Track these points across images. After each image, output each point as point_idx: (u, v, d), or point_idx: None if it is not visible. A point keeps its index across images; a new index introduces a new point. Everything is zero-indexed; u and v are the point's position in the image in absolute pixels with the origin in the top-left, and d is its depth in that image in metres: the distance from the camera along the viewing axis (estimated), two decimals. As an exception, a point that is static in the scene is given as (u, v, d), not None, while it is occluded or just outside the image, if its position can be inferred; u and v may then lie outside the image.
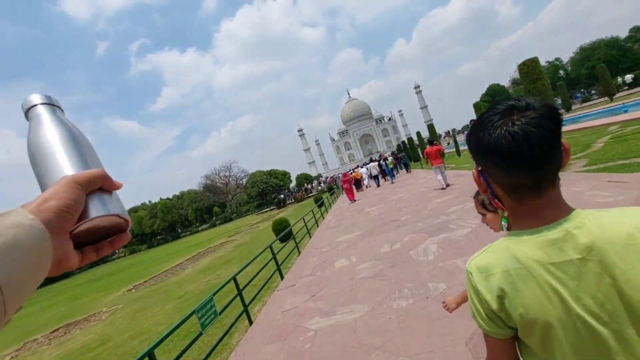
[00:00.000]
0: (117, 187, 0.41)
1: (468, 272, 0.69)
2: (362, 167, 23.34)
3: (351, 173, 19.43)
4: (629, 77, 32.29)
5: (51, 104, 0.44)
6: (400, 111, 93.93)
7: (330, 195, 22.36)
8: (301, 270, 6.46)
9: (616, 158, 6.60)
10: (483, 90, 62.97)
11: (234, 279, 5.07)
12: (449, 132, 58.77)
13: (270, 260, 6.66)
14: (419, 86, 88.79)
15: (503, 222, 1.26)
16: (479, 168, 0.67)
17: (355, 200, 15.65)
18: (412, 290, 3.66)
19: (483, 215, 1.45)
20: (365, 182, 21.54)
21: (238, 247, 16.85)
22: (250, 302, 5.28)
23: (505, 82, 71.85)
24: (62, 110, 0.46)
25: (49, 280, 52.94)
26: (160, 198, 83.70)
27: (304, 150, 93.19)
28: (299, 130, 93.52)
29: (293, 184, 65.77)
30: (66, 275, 53.96)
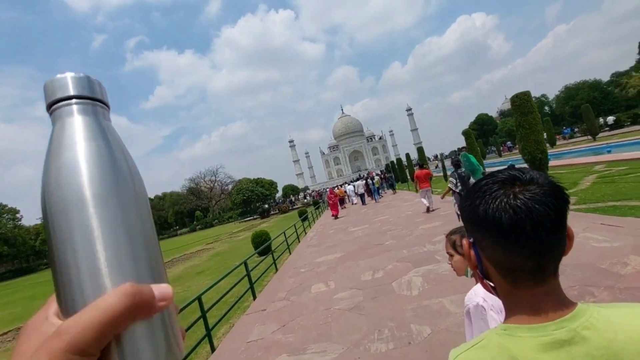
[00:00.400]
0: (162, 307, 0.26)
1: None
2: (348, 184, 23.61)
3: (336, 189, 19.55)
4: (610, 119, 33.64)
5: (95, 100, 0.27)
6: (391, 131, 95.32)
7: (316, 209, 21.95)
8: (275, 292, 5.98)
9: (605, 199, 6.50)
10: (472, 119, 64.49)
11: (199, 298, 4.56)
12: (437, 156, 59.66)
13: (244, 277, 6.18)
14: (410, 109, 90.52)
15: (468, 269, 1.23)
16: (471, 240, 0.58)
17: (337, 217, 15.79)
18: (393, 332, 3.27)
19: (451, 256, 1.36)
20: (352, 199, 22.20)
21: (214, 257, 16.11)
22: (217, 323, 4.78)
23: (493, 113, 73.93)
24: (108, 110, 0.29)
25: (12, 274, 49.98)
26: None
27: (294, 161, 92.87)
28: (290, 141, 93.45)
29: (279, 195, 65.04)
30: (30, 271, 51.00)
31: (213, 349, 4.30)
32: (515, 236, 0.50)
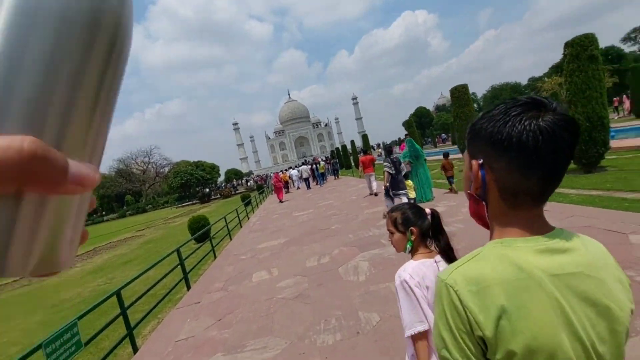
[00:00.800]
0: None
1: (447, 285, 0.55)
2: (293, 169, 23.37)
3: (281, 174, 19.36)
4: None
5: None
6: (336, 119, 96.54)
7: (260, 194, 21.23)
8: (212, 281, 5.44)
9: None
10: (412, 111, 68.18)
11: (118, 293, 3.86)
12: (379, 144, 62.04)
13: (177, 266, 5.52)
14: (356, 98, 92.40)
15: (408, 245, 1.31)
16: (481, 161, 0.58)
17: (283, 201, 15.68)
18: (340, 321, 3.04)
19: (392, 233, 1.40)
20: (296, 184, 22.20)
21: (145, 245, 14.64)
22: (142, 319, 4.14)
23: (430, 107, 79.06)
24: None
25: None
26: (58, 179, 71.31)
27: (237, 145, 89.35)
28: (234, 124, 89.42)
29: (221, 179, 62.05)
30: None
31: (135, 350, 3.69)
32: (537, 157, 0.51)
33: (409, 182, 6.76)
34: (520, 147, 0.52)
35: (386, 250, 4.67)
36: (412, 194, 6.67)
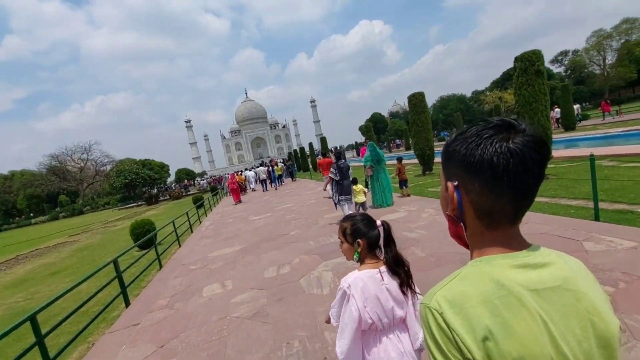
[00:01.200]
0: None
1: (431, 310, 0.55)
2: (249, 170, 22.71)
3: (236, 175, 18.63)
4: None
5: None
6: (294, 121, 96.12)
7: (213, 195, 20.09)
8: (155, 297, 4.78)
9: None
10: (367, 116, 70.09)
11: (32, 318, 3.15)
12: (336, 147, 62.76)
13: (115, 279, 4.79)
14: (314, 100, 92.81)
15: (355, 256, 1.36)
16: (456, 183, 0.59)
17: (239, 202, 15.50)
18: (304, 344, 2.70)
19: (341, 242, 1.42)
20: (252, 186, 21.93)
21: (79, 252, 12.97)
22: (69, 343, 3.44)
23: (384, 113, 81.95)
24: None
25: None
26: (-25, 175, 61.89)
27: (190, 143, 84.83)
28: (187, 122, 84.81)
29: (172, 179, 58.24)
30: None
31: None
32: (507, 179, 0.53)
33: (358, 187, 6.62)
34: (491, 170, 0.53)
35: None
36: (361, 199, 6.57)
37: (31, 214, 57.90)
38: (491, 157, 0.53)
